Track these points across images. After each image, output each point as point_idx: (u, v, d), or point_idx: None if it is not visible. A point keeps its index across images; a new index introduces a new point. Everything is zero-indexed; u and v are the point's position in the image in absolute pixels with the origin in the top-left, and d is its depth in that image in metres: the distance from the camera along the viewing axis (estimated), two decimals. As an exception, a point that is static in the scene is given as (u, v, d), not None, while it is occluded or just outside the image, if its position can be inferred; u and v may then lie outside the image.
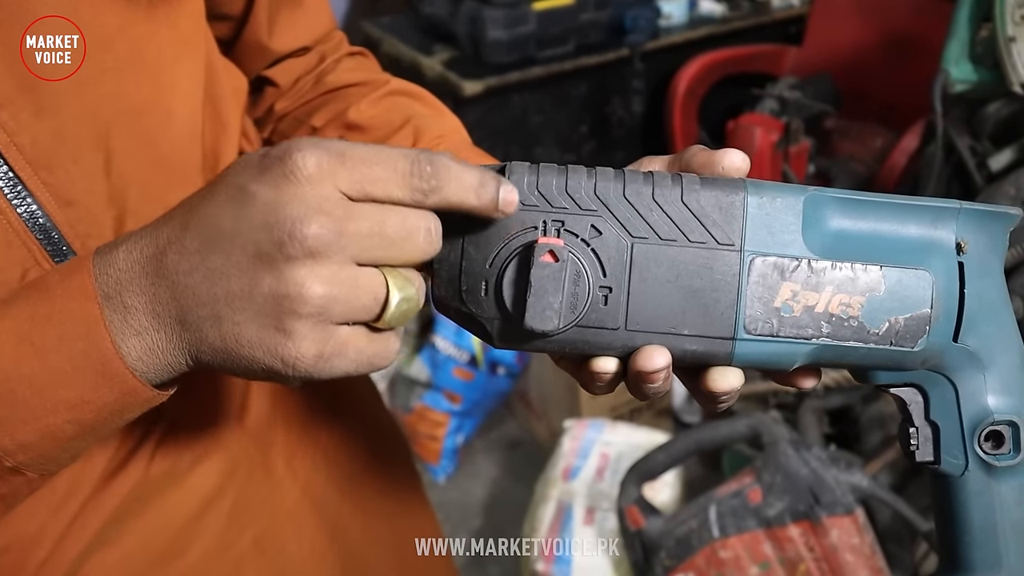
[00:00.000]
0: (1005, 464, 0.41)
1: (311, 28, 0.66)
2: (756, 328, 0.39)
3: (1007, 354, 0.41)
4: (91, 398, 0.38)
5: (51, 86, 0.45)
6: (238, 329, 0.35)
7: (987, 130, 1.51)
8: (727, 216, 0.39)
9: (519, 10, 2.20)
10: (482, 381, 2.09)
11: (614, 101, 2.52)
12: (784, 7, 2.71)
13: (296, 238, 0.33)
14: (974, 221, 0.40)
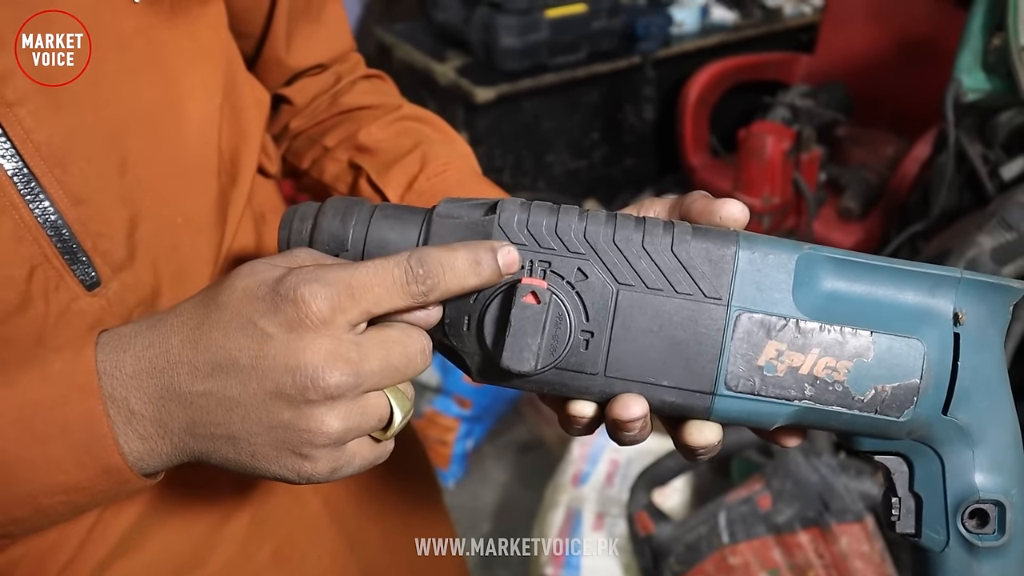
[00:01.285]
0: (988, 544, 0.39)
1: (328, 45, 0.67)
2: (737, 385, 0.38)
3: (999, 431, 0.39)
4: (87, 486, 0.39)
5: (78, 90, 0.45)
6: (254, 449, 0.39)
7: (999, 139, 1.51)
8: (716, 269, 0.39)
9: (532, 17, 2.21)
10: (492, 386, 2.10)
11: (626, 108, 2.53)
12: (796, 15, 2.73)
13: (319, 386, 0.36)
14: (975, 292, 0.39)
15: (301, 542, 0.63)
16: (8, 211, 0.43)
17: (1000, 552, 0.39)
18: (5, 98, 0.43)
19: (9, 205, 0.43)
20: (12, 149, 0.43)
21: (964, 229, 1.33)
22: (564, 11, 2.26)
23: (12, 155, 0.43)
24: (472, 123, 2.28)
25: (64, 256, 0.46)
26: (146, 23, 0.49)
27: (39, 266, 0.45)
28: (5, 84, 0.42)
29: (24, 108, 0.43)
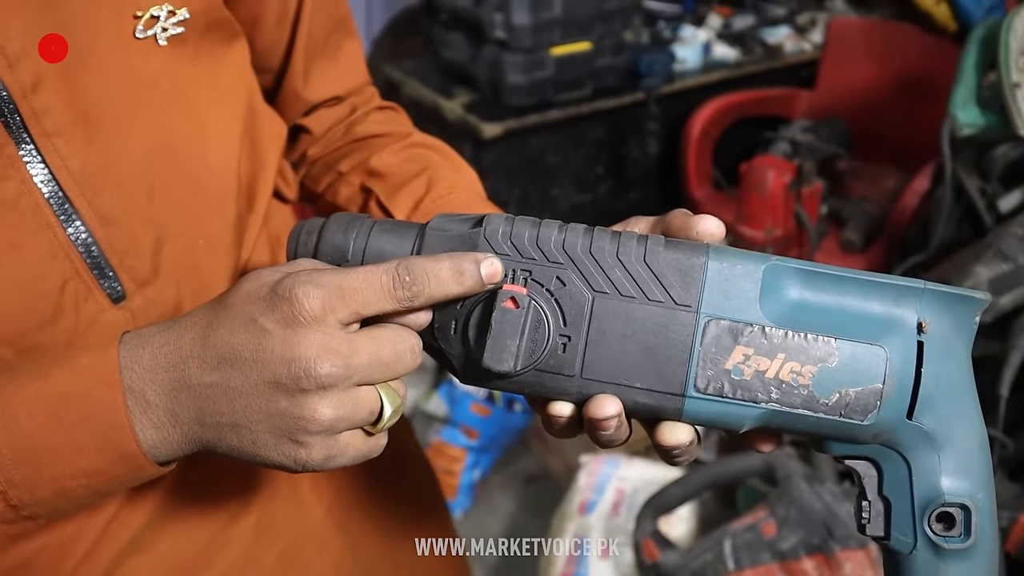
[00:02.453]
0: (954, 547, 0.40)
1: (344, 81, 0.71)
2: (706, 387, 0.40)
3: (965, 437, 0.40)
4: (106, 471, 0.43)
5: (103, 118, 0.50)
6: (254, 437, 0.42)
7: (996, 172, 1.54)
8: (686, 279, 0.41)
9: (537, 55, 2.26)
10: (499, 417, 2.12)
11: (630, 143, 2.57)
12: (796, 52, 2.77)
13: (312, 376, 0.40)
14: (938, 302, 0.40)
15: (306, 548, 0.66)
16: (44, 230, 0.48)
17: (966, 555, 0.40)
18: (44, 129, 0.47)
19: (45, 225, 0.48)
20: (49, 175, 0.48)
21: (962, 260, 1.36)
22: (569, 49, 2.31)
23: (49, 180, 0.48)
24: (479, 158, 2.32)
25: (93, 271, 0.50)
26: (172, 63, 0.53)
27: (70, 280, 0.49)
28: (45, 116, 0.47)
29: (61, 139, 0.48)
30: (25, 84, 0.46)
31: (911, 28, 2.48)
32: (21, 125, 0.46)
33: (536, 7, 2.19)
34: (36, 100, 0.46)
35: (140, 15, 0.50)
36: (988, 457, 0.41)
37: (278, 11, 0.63)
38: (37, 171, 0.47)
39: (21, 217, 0.47)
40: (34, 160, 0.47)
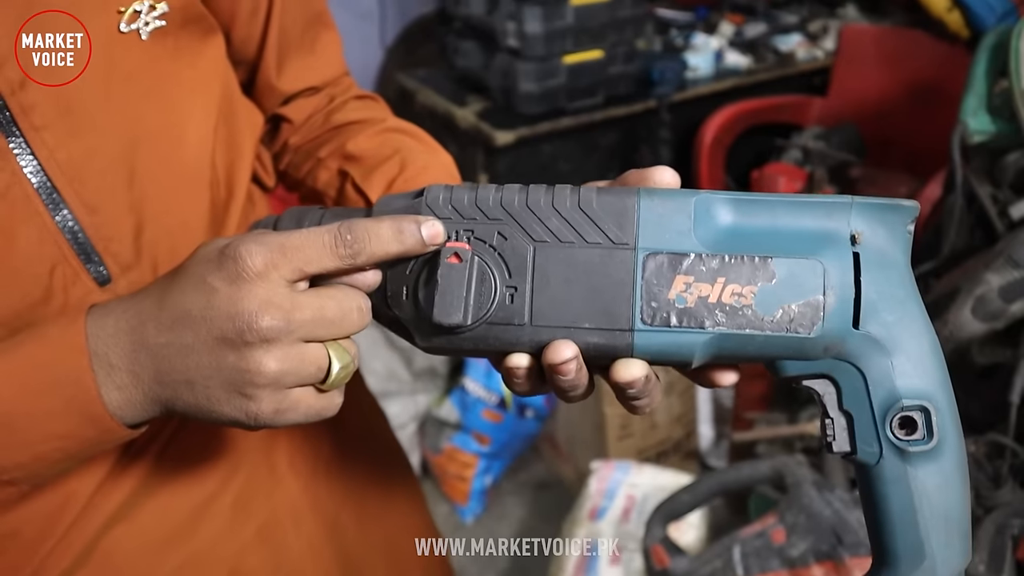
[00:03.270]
0: (919, 449, 0.41)
1: (321, 72, 0.74)
2: (653, 319, 0.41)
3: (914, 341, 0.41)
4: (76, 433, 0.45)
5: (86, 111, 0.52)
6: (208, 392, 0.44)
7: (1008, 179, 1.54)
8: (621, 219, 0.42)
9: (550, 63, 2.28)
10: (510, 423, 2.13)
11: (642, 150, 2.58)
12: (808, 59, 2.77)
13: (253, 329, 0.42)
14: (869, 214, 0.41)
15: (281, 525, 0.69)
16: (34, 218, 0.50)
17: (932, 455, 0.41)
18: (33, 123, 0.49)
19: (34, 213, 0.50)
20: (38, 166, 0.50)
21: (973, 267, 1.36)
22: (581, 57, 2.33)
23: (38, 171, 0.50)
24: (492, 165, 2.34)
25: (80, 257, 0.53)
26: (152, 56, 0.56)
27: (59, 265, 0.52)
28: (33, 111, 0.49)
29: (48, 131, 0.50)
30: (13, 82, 0.48)
31: (923, 35, 2.48)
32: (11, 120, 0.49)
33: (548, 16, 2.21)
34: (24, 96, 0.49)
35: (123, 10, 0.53)
36: (941, 359, 0.41)
37: (250, 6, 0.66)
38: (27, 163, 0.50)
39: (12, 206, 0.50)
40: (23, 152, 0.50)
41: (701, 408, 2.13)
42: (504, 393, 2.10)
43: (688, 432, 2.07)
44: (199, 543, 0.63)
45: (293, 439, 0.71)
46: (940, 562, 0.41)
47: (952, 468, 0.41)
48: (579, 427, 2.07)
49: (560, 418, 2.16)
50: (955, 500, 0.41)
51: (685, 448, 2.06)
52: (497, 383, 2.09)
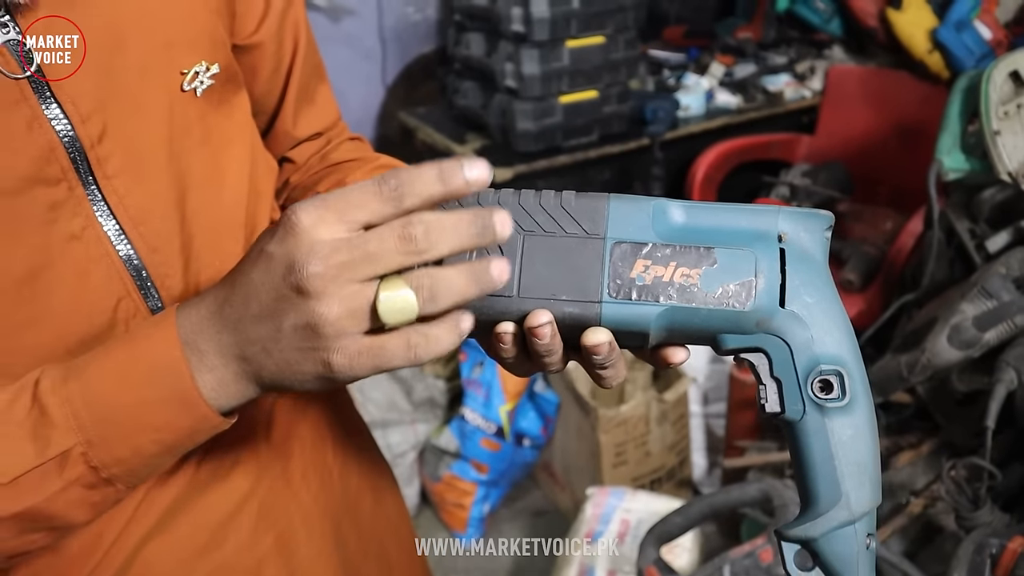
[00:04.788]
0: (835, 406, 0.48)
1: (322, 119, 0.82)
2: (617, 293, 0.49)
3: (829, 319, 0.49)
4: (173, 422, 0.48)
5: (150, 161, 0.58)
6: (283, 355, 0.45)
7: (984, 214, 1.61)
8: (594, 215, 0.50)
9: (547, 103, 2.35)
10: (508, 452, 2.17)
11: (636, 186, 2.63)
12: (797, 98, 2.85)
13: (304, 278, 0.42)
14: (793, 219, 0.50)
15: (296, 534, 0.74)
16: (103, 258, 0.57)
17: (846, 410, 0.49)
18: (106, 172, 0.56)
19: (105, 253, 0.57)
20: (108, 211, 0.57)
21: (950, 298, 1.42)
22: (577, 97, 2.40)
23: (108, 215, 0.57)
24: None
25: (141, 291, 0.59)
26: (203, 111, 0.63)
27: (123, 299, 0.58)
28: (108, 162, 0.56)
29: (119, 179, 0.57)
30: (93, 136, 0.55)
31: (906, 76, 2.57)
32: (88, 170, 0.55)
33: (545, 58, 2.28)
34: (101, 149, 0.55)
35: (186, 72, 0.60)
36: (851, 334, 0.49)
37: (273, 64, 0.73)
38: (100, 208, 0.56)
39: (86, 247, 0.56)
40: (96, 198, 0.56)
41: (694, 437, 2.18)
42: (502, 422, 2.15)
43: (681, 460, 2.11)
44: (225, 553, 0.68)
45: (304, 450, 0.76)
46: (854, 500, 0.48)
47: (862, 421, 0.49)
48: (575, 455, 2.11)
49: (556, 447, 2.21)
50: (865, 449, 0.49)
51: (679, 476, 2.10)
52: (496, 412, 2.14)
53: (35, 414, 0.48)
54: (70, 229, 0.55)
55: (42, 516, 0.49)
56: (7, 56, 0.50)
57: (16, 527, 0.49)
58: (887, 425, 1.71)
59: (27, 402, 0.48)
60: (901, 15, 2.48)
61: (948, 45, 2.35)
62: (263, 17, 0.70)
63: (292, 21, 0.74)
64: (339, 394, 0.86)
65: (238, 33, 0.68)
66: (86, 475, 0.48)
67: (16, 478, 0.47)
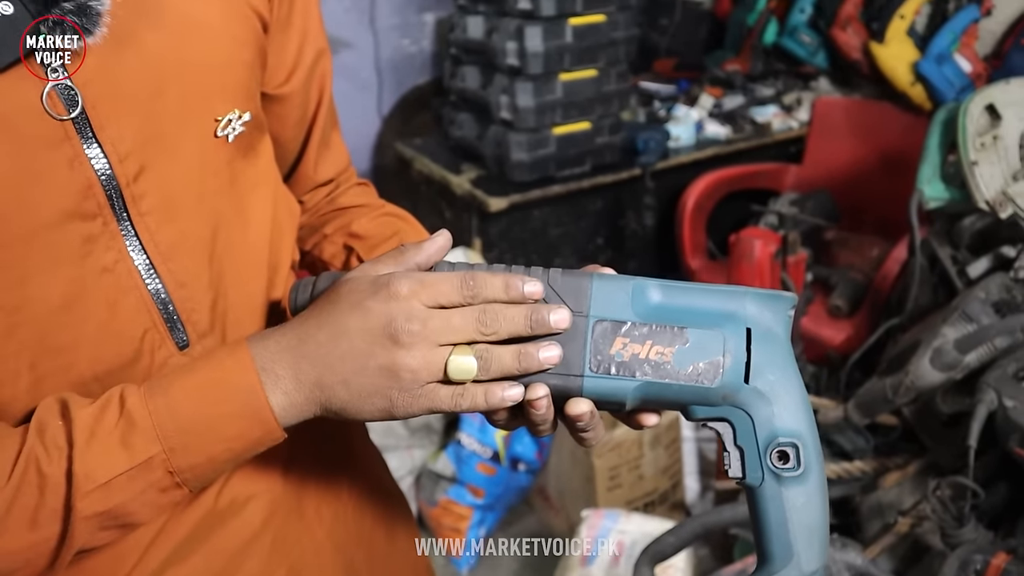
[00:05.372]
0: (790, 475, 0.52)
1: (336, 164, 0.86)
2: (598, 368, 0.53)
3: (789, 395, 0.53)
4: (245, 434, 0.55)
5: (181, 201, 0.62)
6: (360, 389, 0.54)
7: (965, 241, 1.66)
8: (579, 294, 0.55)
9: (540, 134, 2.40)
10: (504, 476, 2.20)
11: (628, 215, 2.69)
12: (784, 129, 2.90)
13: (402, 333, 0.53)
14: (760, 301, 0.54)
15: (308, 567, 0.76)
16: (133, 291, 0.60)
17: (800, 480, 0.53)
18: (140, 210, 0.59)
19: (134, 286, 0.60)
20: (140, 246, 0.60)
21: (932, 322, 1.46)
22: (570, 128, 2.45)
23: (140, 250, 0.60)
24: (485, 230, 2.45)
25: (167, 324, 0.62)
26: (232, 156, 0.66)
27: (149, 330, 0.61)
28: (142, 200, 0.59)
29: (151, 217, 0.60)
30: (130, 175, 0.58)
31: (890, 107, 2.63)
32: (123, 207, 0.58)
33: (539, 90, 2.34)
34: (136, 187, 0.59)
35: (219, 119, 0.63)
36: (809, 409, 0.54)
37: (300, 112, 0.78)
38: (132, 243, 0.59)
39: (117, 279, 0.59)
40: (129, 234, 0.59)
41: (687, 460, 2.21)
42: (498, 446, 2.18)
43: (675, 484, 2.14)
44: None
45: (319, 486, 0.78)
46: (804, 560, 0.53)
47: (814, 490, 0.53)
48: (569, 479, 2.14)
49: (551, 471, 2.23)
50: (816, 514, 0.53)
51: (672, 499, 2.13)
52: (491, 437, 2.17)
53: (123, 424, 0.53)
54: (103, 262, 0.58)
55: (120, 514, 0.54)
56: (55, 99, 0.54)
57: (97, 523, 0.53)
58: (875, 447, 1.75)
59: (115, 413, 0.53)
60: (884, 48, 2.55)
61: (929, 77, 2.42)
62: (293, 70, 0.74)
63: (319, 74, 0.78)
64: (356, 431, 0.89)
65: (268, 83, 0.72)
66: (162, 479, 0.54)
67: (110, 480, 0.52)
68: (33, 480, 0.51)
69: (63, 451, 0.52)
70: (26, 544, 0.52)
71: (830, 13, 2.75)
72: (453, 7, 2.63)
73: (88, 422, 0.53)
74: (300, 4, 0.73)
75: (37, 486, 0.51)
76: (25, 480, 0.51)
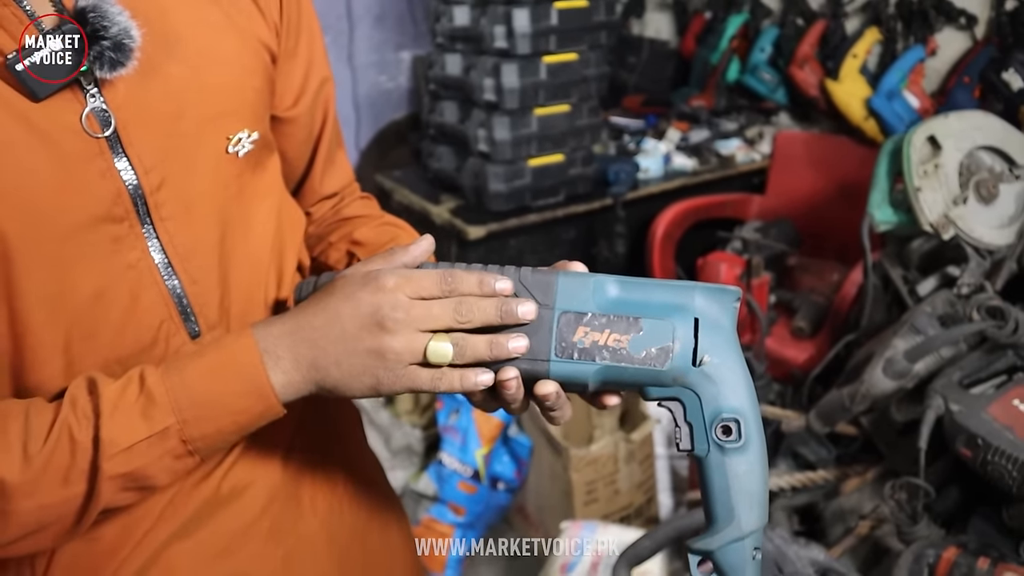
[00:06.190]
0: (732, 447, 0.59)
1: (340, 180, 0.95)
2: (562, 353, 0.60)
3: (733, 376, 0.59)
4: (249, 408, 0.63)
5: (196, 209, 0.70)
6: (351, 368, 0.62)
7: (914, 262, 1.77)
8: (546, 289, 0.62)
9: (517, 166, 2.48)
10: (484, 495, 2.26)
11: (600, 243, 2.76)
12: (747, 161, 3.00)
13: (389, 318, 0.61)
14: (707, 294, 0.60)
15: (302, 554, 0.82)
16: (152, 286, 0.68)
17: (741, 451, 0.59)
18: (161, 215, 0.68)
19: (154, 282, 0.68)
20: (160, 247, 0.68)
21: (885, 335, 1.57)
22: (544, 160, 2.53)
23: (159, 250, 0.68)
24: (465, 257, 2.51)
25: (181, 316, 0.70)
26: (241, 170, 0.74)
27: (165, 321, 0.70)
28: (164, 206, 0.67)
29: (171, 222, 0.68)
30: (153, 185, 0.66)
31: (846, 140, 2.76)
32: (146, 212, 0.67)
33: (515, 124, 2.43)
34: (159, 195, 0.67)
35: (231, 137, 0.72)
36: (751, 389, 0.60)
37: (306, 133, 0.87)
38: (153, 244, 0.68)
39: (139, 275, 0.67)
40: (151, 236, 0.68)
41: (660, 477, 2.29)
42: (478, 465, 2.25)
43: (649, 498, 2.22)
44: (240, 562, 0.77)
45: (316, 478, 0.85)
46: (744, 521, 0.59)
47: (755, 459, 0.59)
48: (548, 495, 2.21)
49: (530, 489, 2.30)
50: (756, 481, 0.59)
51: (647, 514, 2.21)
52: (472, 456, 2.24)
53: (143, 400, 0.60)
54: (128, 259, 0.66)
55: (140, 477, 0.61)
56: (93, 120, 0.63)
57: (120, 484, 0.61)
58: (837, 457, 1.85)
59: (135, 390, 0.61)
60: (839, 86, 2.69)
61: (881, 113, 2.56)
62: (299, 95, 0.83)
63: (323, 99, 0.87)
64: (354, 436, 0.96)
65: (277, 107, 0.81)
66: (177, 447, 0.61)
67: (131, 445, 0.60)
68: (66, 444, 0.59)
69: (91, 420, 0.59)
70: (59, 499, 0.59)
71: (788, 52, 2.88)
72: (430, 45, 2.73)
73: (113, 396, 0.60)
74: (305, 37, 0.82)
75: (69, 449, 0.59)
76: (59, 444, 0.59)
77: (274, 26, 0.77)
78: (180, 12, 0.68)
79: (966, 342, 1.44)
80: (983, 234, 1.58)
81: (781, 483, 1.69)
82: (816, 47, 2.82)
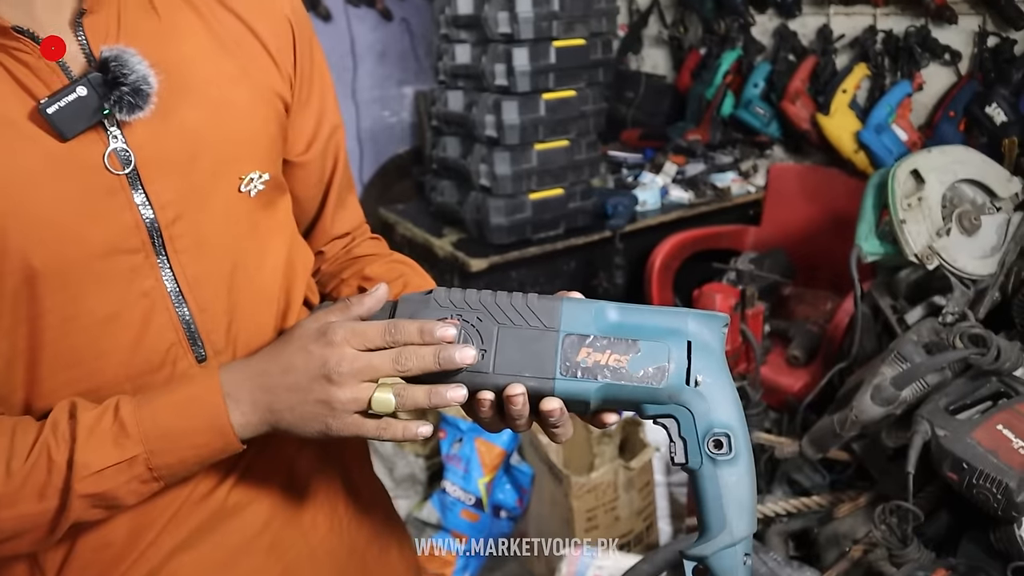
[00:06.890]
0: (723, 459, 0.62)
1: (351, 221, 1.00)
2: (566, 372, 0.64)
3: (722, 394, 0.63)
4: (210, 443, 0.68)
5: (208, 244, 0.75)
6: (302, 414, 0.68)
7: (902, 292, 1.82)
8: (551, 313, 0.65)
9: (517, 200, 2.54)
10: (487, 523, 2.29)
11: (599, 275, 2.81)
12: (742, 193, 3.06)
13: (334, 373, 0.66)
14: (698, 319, 0.64)
15: (303, 568, 0.86)
16: (163, 312, 0.73)
17: (732, 463, 0.63)
18: (175, 248, 0.73)
19: (165, 308, 0.73)
20: (172, 276, 0.73)
21: (873, 363, 1.62)
22: (545, 194, 2.59)
23: (172, 280, 0.73)
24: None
25: (188, 341, 0.75)
26: (252, 209, 0.79)
27: (174, 345, 0.74)
28: (178, 240, 0.72)
29: (185, 254, 0.73)
30: (168, 219, 0.71)
31: (837, 172, 2.81)
32: (162, 244, 0.72)
33: (516, 159, 2.48)
34: (174, 229, 0.72)
35: (243, 177, 0.77)
36: (739, 406, 0.64)
37: (317, 176, 0.92)
38: (166, 274, 0.73)
39: (152, 302, 0.72)
40: (164, 266, 0.72)
41: (659, 505, 2.33)
42: (481, 494, 2.28)
43: (648, 525, 2.25)
44: (242, 572, 0.81)
45: (317, 498, 0.89)
46: (735, 528, 0.63)
47: (744, 470, 0.63)
48: (549, 521, 2.24)
49: (531, 516, 2.33)
50: (746, 490, 0.63)
51: (646, 540, 2.24)
52: (475, 485, 2.28)
53: (116, 428, 0.66)
54: (143, 287, 0.71)
55: (108, 497, 0.67)
56: (114, 158, 0.68)
57: (90, 502, 0.66)
58: (831, 482, 1.88)
59: (111, 419, 0.67)
60: (829, 120, 2.76)
61: (870, 146, 2.63)
62: (311, 142, 0.88)
63: (334, 145, 0.92)
64: (358, 459, 0.99)
65: (290, 152, 0.86)
66: (143, 473, 0.67)
67: (102, 469, 0.65)
68: (43, 463, 0.65)
69: (68, 443, 0.65)
70: (35, 511, 0.65)
71: (781, 87, 2.95)
72: (432, 80, 2.80)
73: (89, 423, 0.66)
74: (318, 88, 0.87)
75: (46, 468, 0.65)
76: (38, 463, 0.65)
77: (288, 78, 0.82)
78: (198, 64, 0.74)
79: (951, 369, 1.48)
80: (966, 264, 1.63)
81: (776, 508, 1.73)
82: (807, 82, 2.89)
